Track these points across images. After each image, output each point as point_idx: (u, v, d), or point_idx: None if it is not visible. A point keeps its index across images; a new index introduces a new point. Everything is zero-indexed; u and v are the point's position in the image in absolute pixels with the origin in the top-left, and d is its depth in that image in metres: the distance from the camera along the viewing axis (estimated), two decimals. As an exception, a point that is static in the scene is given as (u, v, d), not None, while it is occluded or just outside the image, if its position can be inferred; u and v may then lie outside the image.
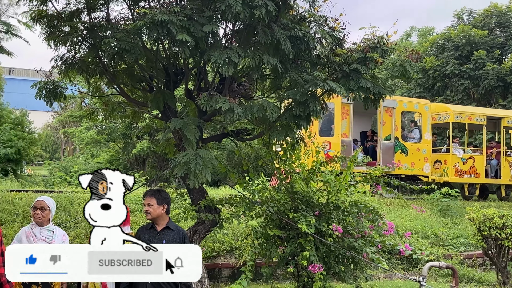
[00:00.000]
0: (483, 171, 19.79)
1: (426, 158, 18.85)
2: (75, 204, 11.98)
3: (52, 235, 5.46)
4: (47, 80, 8.93)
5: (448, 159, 19.37)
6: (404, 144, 18.51)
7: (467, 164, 19.57)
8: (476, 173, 19.54)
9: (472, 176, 19.50)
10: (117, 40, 6.98)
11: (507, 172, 20.22)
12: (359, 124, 19.66)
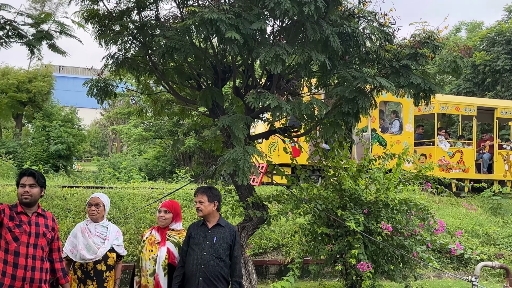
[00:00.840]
0: (473, 166, 18.59)
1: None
2: (125, 200, 12.20)
3: (107, 231, 5.57)
4: (98, 78, 9.10)
5: (432, 152, 18.16)
6: (382, 136, 17.30)
7: (454, 158, 18.31)
8: (464, 167, 18.19)
9: (460, 171, 18.19)
10: (166, 38, 7.05)
11: (500, 167, 18.89)
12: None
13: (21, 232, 4.69)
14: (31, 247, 4.72)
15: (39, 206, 4.94)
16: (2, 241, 4.67)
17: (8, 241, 4.65)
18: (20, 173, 4.91)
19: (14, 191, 11.88)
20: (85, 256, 5.38)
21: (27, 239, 4.71)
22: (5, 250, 4.65)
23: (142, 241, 5.72)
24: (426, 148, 18.48)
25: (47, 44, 6.44)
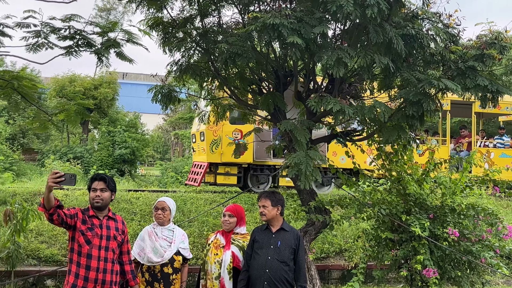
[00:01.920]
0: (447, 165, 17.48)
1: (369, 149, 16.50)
2: (188, 204, 12.41)
3: (173, 234, 5.68)
4: (163, 85, 9.31)
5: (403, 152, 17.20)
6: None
7: (424, 157, 17.22)
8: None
9: None
10: (229, 44, 7.13)
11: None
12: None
13: (93, 235, 4.84)
14: (102, 249, 4.86)
15: (109, 210, 5.09)
16: (75, 244, 4.84)
17: (81, 244, 4.82)
18: (91, 177, 5.08)
19: (82, 195, 12.29)
20: (152, 259, 5.49)
21: (98, 242, 4.86)
22: (78, 252, 4.81)
23: (208, 244, 5.79)
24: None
25: (114, 52, 6.64)
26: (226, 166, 15.03)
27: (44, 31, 6.36)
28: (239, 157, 11.33)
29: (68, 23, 6.26)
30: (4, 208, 9.43)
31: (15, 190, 12.19)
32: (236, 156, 10.72)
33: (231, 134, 14.80)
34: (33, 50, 6.59)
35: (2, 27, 6.59)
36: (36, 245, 9.74)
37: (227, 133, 14.96)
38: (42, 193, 12.02)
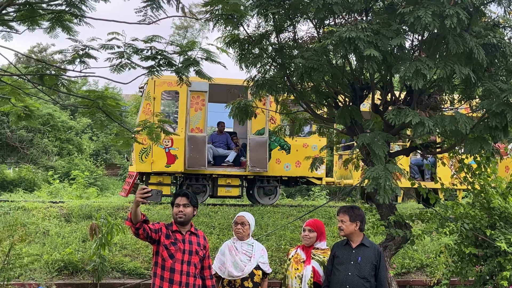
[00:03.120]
0: (407, 172, 15.81)
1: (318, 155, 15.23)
2: (265, 218, 12.48)
3: (252, 249, 5.73)
4: (239, 100, 9.47)
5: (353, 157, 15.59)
6: (285, 139, 14.69)
7: None
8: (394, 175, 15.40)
9: None
10: (305, 59, 7.17)
11: (446, 173, 15.29)
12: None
13: (176, 249, 4.97)
14: (185, 264, 4.98)
15: (192, 225, 5.21)
16: (159, 258, 4.98)
17: (164, 258, 4.95)
18: (175, 194, 5.22)
19: (162, 209, 12.61)
20: (232, 273, 5.57)
21: (181, 257, 4.98)
22: (162, 266, 4.95)
23: (288, 259, 5.81)
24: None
25: (194, 70, 6.81)
26: (158, 176, 14.21)
27: (127, 52, 6.61)
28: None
29: (150, 44, 6.49)
30: (90, 222, 9.81)
31: (99, 205, 12.66)
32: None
33: (162, 142, 13.88)
34: (117, 71, 6.86)
35: (88, 49, 6.89)
36: (120, 258, 10.06)
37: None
38: (125, 207, 12.46)
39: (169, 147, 14.04)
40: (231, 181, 14.67)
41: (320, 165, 10.82)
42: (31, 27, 7.15)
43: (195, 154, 14.11)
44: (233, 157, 15.00)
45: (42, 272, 9.40)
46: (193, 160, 14.08)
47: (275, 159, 14.82)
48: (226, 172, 14.58)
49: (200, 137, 14.30)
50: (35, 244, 10.29)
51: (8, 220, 10.94)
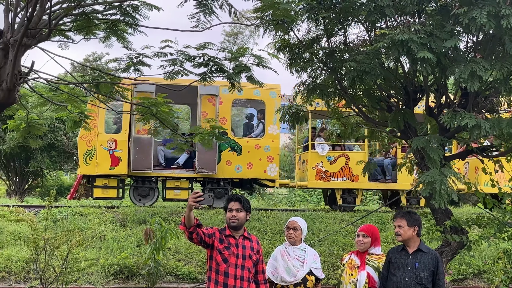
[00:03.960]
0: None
1: (271, 157, 14.67)
2: (317, 223, 12.42)
3: (304, 254, 5.70)
4: (290, 105, 9.47)
5: (307, 158, 15.00)
6: (236, 140, 14.62)
7: (337, 164, 14.89)
8: (351, 175, 14.84)
9: (344, 179, 14.84)
10: (356, 62, 7.12)
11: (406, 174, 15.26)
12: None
13: (229, 254, 4.99)
14: (239, 268, 5.00)
15: (245, 230, 5.23)
16: (213, 262, 5.02)
17: (218, 262, 4.99)
18: (227, 198, 5.25)
19: (214, 214, 12.71)
20: (285, 278, 5.55)
21: (235, 261, 5.00)
22: (216, 270, 4.99)
23: (342, 265, 5.76)
24: (305, 154, 15.31)
25: (245, 76, 6.86)
26: (104, 179, 13.89)
27: (180, 59, 6.72)
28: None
29: (202, 51, 6.57)
30: (144, 227, 9.98)
31: (153, 210, 12.86)
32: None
33: (106, 144, 13.71)
34: (170, 78, 6.98)
35: (142, 57, 7.03)
36: (174, 263, 10.19)
37: (102, 143, 13.80)
38: (178, 212, 12.61)
39: (113, 149, 13.81)
40: (180, 183, 14.38)
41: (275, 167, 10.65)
42: (87, 37, 7.36)
43: (140, 156, 13.79)
44: (184, 159, 14.66)
45: (98, 276, 9.61)
46: (138, 162, 13.79)
47: (225, 161, 14.44)
48: (174, 175, 14.31)
49: (146, 138, 13.84)
50: (92, 248, 10.53)
51: (66, 225, 11.24)
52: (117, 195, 14.09)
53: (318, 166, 14.66)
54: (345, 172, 14.75)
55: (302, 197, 23.39)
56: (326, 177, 14.70)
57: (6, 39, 5.80)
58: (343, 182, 14.77)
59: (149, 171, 13.91)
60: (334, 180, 14.75)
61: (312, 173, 14.66)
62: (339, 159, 14.81)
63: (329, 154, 14.73)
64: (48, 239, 8.64)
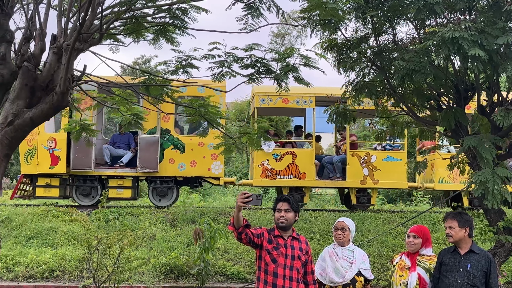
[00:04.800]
0: (313, 171, 14.57)
1: (215, 155, 14.10)
2: (366, 223, 12.31)
3: (353, 255, 5.66)
4: (338, 105, 9.42)
5: (254, 156, 14.62)
6: (179, 138, 14.33)
7: (283, 162, 14.51)
8: (298, 173, 14.41)
9: (291, 177, 14.42)
10: (405, 61, 7.03)
11: (356, 172, 14.60)
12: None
13: (278, 254, 5.02)
14: (287, 268, 5.01)
15: (293, 230, 5.24)
16: (262, 262, 5.05)
17: (267, 263, 5.02)
18: (276, 199, 5.29)
19: (262, 214, 12.75)
20: (334, 279, 5.53)
21: (284, 261, 5.02)
22: (265, 271, 5.02)
23: (393, 266, 5.70)
24: (253, 152, 14.66)
25: (292, 77, 6.87)
26: (45, 178, 13.83)
27: (228, 61, 6.79)
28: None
29: (249, 52, 6.62)
30: (193, 227, 10.10)
31: (202, 210, 13.00)
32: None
33: (46, 143, 13.64)
34: (218, 79, 7.06)
35: (190, 59, 7.14)
36: (223, 263, 10.28)
37: (42, 142, 13.74)
38: (227, 213, 12.71)
39: (52, 148, 13.79)
40: (122, 182, 14.19)
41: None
42: (136, 40, 7.52)
43: (81, 155, 13.77)
44: (128, 158, 14.56)
45: (149, 275, 9.78)
46: (77, 161, 13.79)
47: (168, 159, 14.27)
48: (116, 173, 14.18)
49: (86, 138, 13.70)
50: (143, 248, 10.73)
51: (118, 225, 11.48)
52: (59, 194, 14.12)
53: (264, 164, 14.46)
54: (291, 170, 14.49)
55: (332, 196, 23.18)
56: (272, 175, 14.47)
57: (59, 44, 5.98)
58: (290, 180, 14.49)
59: (89, 169, 13.95)
60: (280, 178, 14.49)
61: (257, 171, 14.52)
62: (285, 157, 14.56)
63: (275, 152, 14.53)
64: (101, 238, 8.85)
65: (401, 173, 14.56)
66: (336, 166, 14.83)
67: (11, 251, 10.26)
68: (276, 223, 5.14)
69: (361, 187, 14.62)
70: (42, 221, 11.84)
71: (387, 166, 14.44)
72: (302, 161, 14.42)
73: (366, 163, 14.55)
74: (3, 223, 11.43)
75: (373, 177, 14.46)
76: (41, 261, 9.90)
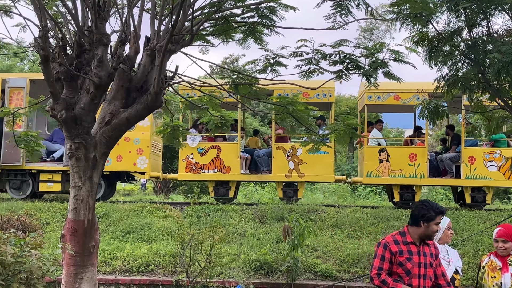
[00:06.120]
0: (238, 164, 14.38)
1: (140, 149, 14.56)
2: (460, 222, 11.93)
3: (448, 254, 5.52)
4: (429, 100, 9.18)
5: (180, 151, 14.07)
6: None
7: (208, 156, 14.38)
8: (223, 167, 14.27)
9: (215, 171, 14.26)
10: (501, 53, 6.76)
11: (281, 165, 14.27)
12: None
13: (412, 265, 4.73)
14: (421, 278, 4.73)
15: None
16: (394, 276, 4.76)
17: (400, 275, 4.74)
18: (437, 211, 4.83)
19: (352, 212, 12.61)
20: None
21: (417, 271, 4.72)
22: None
23: (482, 267, 5.50)
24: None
25: (382, 72, 6.75)
26: None
27: (315, 58, 6.77)
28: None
29: (337, 49, 6.57)
30: (282, 224, 10.17)
31: (291, 207, 13.04)
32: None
33: None
34: (306, 77, 7.06)
35: (278, 58, 7.18)
36: (312, 260, 10.28)
37: None
38: (316, 210, 12.70)
39: None
40: (52, 176, 14.54)
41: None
42: (225, 40, 7.65)
43: (10, 150, 14.22)
44: (61, 153, 14.84)
45: (240, 271, 9.95)
46: (7, 155, 14.33)
47: None
48: (45, 168, 14.52)
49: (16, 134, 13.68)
50: (233, 244, 10.92)
51: (209, 221, 11.74)
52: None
53: (189, 158, 14.49)
54: (216, 164, 14.46)
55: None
56: (196, 169, 14.46)
57: (153, 46, 6.19)
58: (214, 174, 14.44)
59: (18, 164, 14.49)
60: (205, 172, 14.46)
61: (182, 166, 14.56)
62: (210, 151, 14.53)
63: (200, 146, 14.54)
64: (193, 234, 9.11)
65: (327, 166, 14.33)
66: (262, 160, 14.87)
67: (109, 246, 10.74)
68: (428, 235, 4.84)
69: (287, 180, 14.50)
70: (138, 217, 12.30)
71: (313, 159, 14.20)
72: (226, 155, 14.50)
73: (291, 156, 14.43)
74: (101, 218, 11.97)
75: (298, 170, 14.32)
76: (136, 256, 10.30)
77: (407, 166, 13.93)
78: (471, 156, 13.83)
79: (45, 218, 12.16)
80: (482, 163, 13.81)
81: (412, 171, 13.94)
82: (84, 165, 5.97)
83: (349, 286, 9.69)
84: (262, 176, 14.92)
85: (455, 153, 14.22)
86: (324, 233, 11.50)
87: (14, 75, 15.82)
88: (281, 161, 14.39)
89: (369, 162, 14.06)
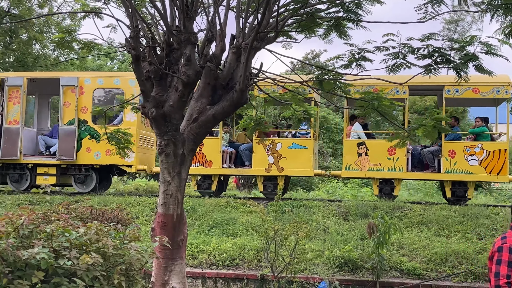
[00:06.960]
0: (219, 159, 14.68)
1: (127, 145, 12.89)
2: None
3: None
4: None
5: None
6: (95, 128, 14.91)
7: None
8: (205, 161, 14.66)
9: (197, 165, 14.59)
10: None
11: (262, 159, 14.46)
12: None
13: None
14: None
15: None
16: None
17: None
18: None
19: (439, 210, 12.28)
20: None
21: None
22: None
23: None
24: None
25: (473, 65, 6.51)
26: None
27: (402, 52, 6.63)
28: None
29: (426, 42, 6.41)
30: (367, 221, 10.06)
31: (375, 204, 12.87)
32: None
33: None
34: (392, 71, 6.92)
35: (363, 52, 7.09)
36: (398, 258, 10.11)
37: None
38: (401, 207, 12.46)
39: None
40: (47, 170, 15.27)
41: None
42: (308, 36, 7.64)
43: (9, 145, 15.14)
44: (56, 147, 15.40)
45: (324, 267, 9.93)
46: (6, 150, 15.12)
47: (85, 148, 15.15)
48: (41, 162, 15.33)
49: (15, 129, 15.27)
50: (317, 240, 10.91)
51: (292, 217, 11.78)
52: None
53: None
54: (198, 158, 14.69)
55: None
56: None
57: (238, 43, 6.28)
58: (196, 168, 14.67)
59: (16, 158, 15.19)
60: None
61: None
62: None
63: None
64: (277, 230, 9.17)
65: (306, 161, 14.19)
66: (244, 154, 15.08)
67: (196, 240, 11.00)
68: None
69: (266, 174, 14.59)
70: (222, 212, 12.53)
71: (292, 153, 14.37)
72: (208, 149, 14.76)
73: (271, 151, 14.54)
74: (187, 213, 12.27)
75: (278, 165, 14.30)
76: (222, 250, 10.50)
77: (385, 159, 13.80)
78: (451, 150, 13.56)
79: (134, 212, 12.60)
80: (462, 157, 13.48)
81: (391, 165, 13.80)
82: (173, 161, 6.14)
83: (437, 285, 9.46)
84: (243, 170, 15.34)
85: (437, 147, 13.90)
86: (410, 231, 11.27)
87: (12, 74, 17.25)
88: (261, 156, 14.64)
89: (348, 156, 14.15)
